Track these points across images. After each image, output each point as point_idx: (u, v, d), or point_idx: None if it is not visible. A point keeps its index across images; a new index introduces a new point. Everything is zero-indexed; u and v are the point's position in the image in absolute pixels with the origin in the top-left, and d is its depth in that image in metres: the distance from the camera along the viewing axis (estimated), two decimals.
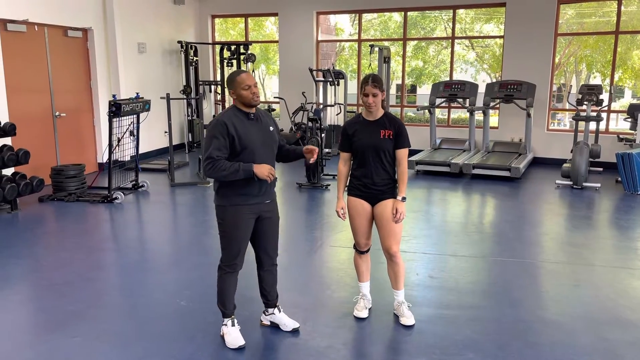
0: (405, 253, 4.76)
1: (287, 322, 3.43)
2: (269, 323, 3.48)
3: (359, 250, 3.57)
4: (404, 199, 3.34)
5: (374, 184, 3.37)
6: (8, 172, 6.47)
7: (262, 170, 2.98)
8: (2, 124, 6.34)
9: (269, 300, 3.43)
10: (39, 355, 3.13)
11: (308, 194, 7.19)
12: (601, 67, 16.27)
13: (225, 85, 3.17)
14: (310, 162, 3.24)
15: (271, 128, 3.19)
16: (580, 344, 3.24)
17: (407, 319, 3.50)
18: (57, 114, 7.93)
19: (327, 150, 10.01)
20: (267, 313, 3.47)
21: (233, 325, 3.26)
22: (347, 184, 3.53)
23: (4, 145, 6.28)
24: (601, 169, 8.81)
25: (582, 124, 8.36)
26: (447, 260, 4.72)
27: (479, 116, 9.91)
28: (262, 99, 17.39)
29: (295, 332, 3.39)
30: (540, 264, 4.64)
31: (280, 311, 3.46)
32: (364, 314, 3.58)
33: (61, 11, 7.76)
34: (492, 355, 3.11)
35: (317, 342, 3.27)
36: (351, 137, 3.40)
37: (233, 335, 3.22)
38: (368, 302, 3.66)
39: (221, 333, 3.30)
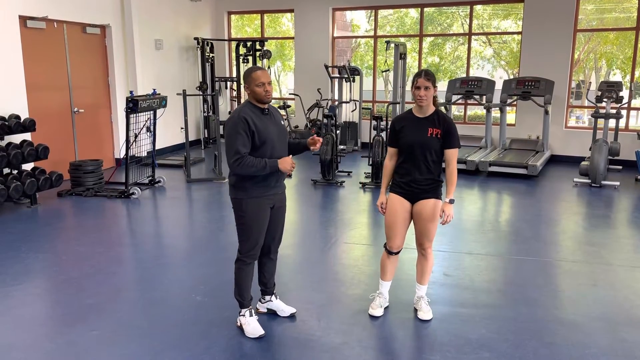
0: None
1: (284, 307, 3.54)
2: (265, 310, 3.57)
3: (389, 251, 3.50)
4: (452, 201, 3.28)
5: (415, 181, 3.32)
6: (28, 167, 6.58)
7: (285, 165, 3.11)
8: (22, 120, 6.44)
9: (268, 287, 3.53)
10: (58, 347, 3.19)
11: (323, 191, 7.19)
12: (621, 64, 16.00)
13: (242, 80, 3.23)
14: (312, 148, 3.23)
15: (282, 122, 3.30)
16: (598, 345, 3.21)
17: (425, 313, 3.52)
18: (75, 110, 8.03)
19: (342, 147, 10.01)
20: (263, 300, 3.57)
21: (251, 315, 3.33)
22: (391, 180, 3.48)
23: (24, 141, 6.38)
24: (620, 167, 8.68)
25: (601, 122, 8.24)
26: (462, 258, 4.70)
27: (495, 113, 9.82)
28: (277, 95, 17.42)
29: (292, 317, 3.51)
30: (557, 263, 4.59)
31: (277, 298, 3.57)
32: (378, 312, 3.57)
33: (80, 8, 7.85)
34: (508, 354, 3.09)
35: (331, 338, 3.28)
36: (398, 132, 3.35)
37: (252, 325, 3.29)
38: (384, 300, 3.65)
39: (238, 324, 3.37)
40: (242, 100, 11.16)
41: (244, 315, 3.33)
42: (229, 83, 11.58)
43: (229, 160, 3.06)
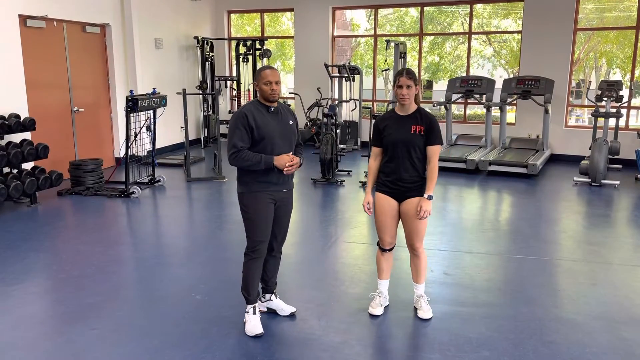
0: None
1: (284, 307, 3.56)
2: (265, 309, 3.58)
3: (382, 248, 3.54)
4: (430, 197, 3.30)
5: (401, 180, 3.33)
6: (28, 166, 6.58)
7: (280, 162, 3.15)
8: (22, 119, 6.44)
9: (269, 286, 3.54)
10: (57, 346, 3.19)
11: (323, 190, 7.19)
12: (621, 63, 16.00)
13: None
14: (284, 172, 3.19)
15: (290, 122, 3.32)
16: (597, 344, 3.21)
17: (425, 312, 3.52)
18: (75, 109, 8.02)
19: (341, 146, 10.01)
20: (263, 299, 3.58)
21: (254, 313, 3.34)
22: (376, 179, 3.48)
23: (24, 140, 6.38)
24: (620, 166, 8.68)
25: (601, 121, 8.24)
26: (462, 257, 4.70)
27: (495, 112, 9.82)
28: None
29: (292, 316, 3.52)
30: (557, 262, 4.59)
31: (276, 297, 3.58)
32: (378, 311, 3.57)
33: (80, 7, 7.85)
34: (508, 353, 3.10)
35: (331, 337, 3.28)
36: (382, 131, 3.38)
37: (252, 323, 3.31)
38: (384, 299, 3.65)
39: (244, 320, 3.38)
40: (242, 99, 11.18)
41: (247, 312, 3.35)
42: (228, 82, 11.57)
43: (227, 153, 3.17)
